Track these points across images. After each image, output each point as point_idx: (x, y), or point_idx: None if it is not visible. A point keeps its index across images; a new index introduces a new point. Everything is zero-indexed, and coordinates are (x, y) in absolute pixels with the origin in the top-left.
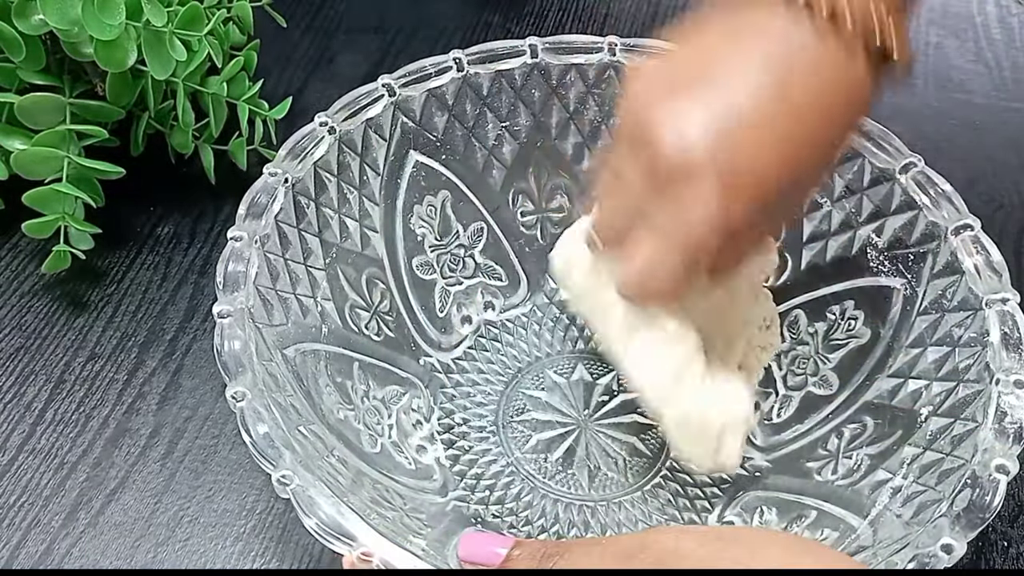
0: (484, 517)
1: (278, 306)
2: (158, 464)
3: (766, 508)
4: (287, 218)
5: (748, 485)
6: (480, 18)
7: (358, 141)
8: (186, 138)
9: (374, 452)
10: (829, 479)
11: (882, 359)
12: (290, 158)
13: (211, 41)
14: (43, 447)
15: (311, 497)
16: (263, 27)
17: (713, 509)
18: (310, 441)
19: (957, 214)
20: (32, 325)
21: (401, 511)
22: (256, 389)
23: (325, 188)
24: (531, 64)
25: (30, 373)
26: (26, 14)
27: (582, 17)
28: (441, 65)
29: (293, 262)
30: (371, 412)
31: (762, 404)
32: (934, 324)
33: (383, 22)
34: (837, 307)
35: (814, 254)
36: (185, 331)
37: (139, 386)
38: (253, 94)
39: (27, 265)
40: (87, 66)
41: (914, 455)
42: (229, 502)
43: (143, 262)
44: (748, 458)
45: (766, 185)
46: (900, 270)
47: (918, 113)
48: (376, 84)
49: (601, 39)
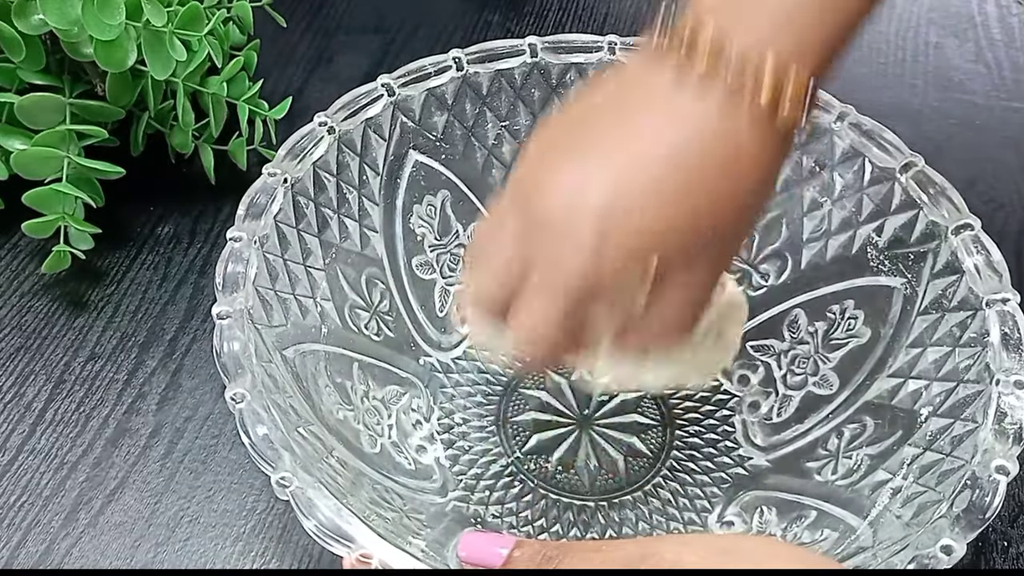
0: (484, 517)
1: (277, 307)
2: (158, 464)
3: (766, 508)
4: (286, 218)
5: (748, 485)
6: (480, 18)
7: (357, 141)
8: (186, 138)
9: (374, 452)
10: (829, 479)
11: (882, 359)
12: (289, 158)
13: (211, 41)
14: (43, 447)
15: (310, 499)
16: (263, 27)
17: (713, 509)
18: (309, 442)
19: (957, 214)
20: (32, 325)
21: (401, 512)
22: (255, 391)
23: (324, 188)
24: (531, 63)
25: (30, 373)
26: (26, 14)
27: (582, 17)
28: (441, 65)
29: (292, 262)
30: (371, 412)
31: (762, 404)
32: (934, 324)
33: (383, 22)
34: (837, 307)
35: (814, 253)
36: (185, 331)
37: (139, 386)
38: (253, 94)
39: (27, 265)
40: (87, 66)
41: (914, 455)
42: (229, 502)
43: (143, 262)
44: (748, 458)
45: (643, 233)
46: (900, 270)
47: (918, 113)
48: (375, 84)
49: (601, 38)
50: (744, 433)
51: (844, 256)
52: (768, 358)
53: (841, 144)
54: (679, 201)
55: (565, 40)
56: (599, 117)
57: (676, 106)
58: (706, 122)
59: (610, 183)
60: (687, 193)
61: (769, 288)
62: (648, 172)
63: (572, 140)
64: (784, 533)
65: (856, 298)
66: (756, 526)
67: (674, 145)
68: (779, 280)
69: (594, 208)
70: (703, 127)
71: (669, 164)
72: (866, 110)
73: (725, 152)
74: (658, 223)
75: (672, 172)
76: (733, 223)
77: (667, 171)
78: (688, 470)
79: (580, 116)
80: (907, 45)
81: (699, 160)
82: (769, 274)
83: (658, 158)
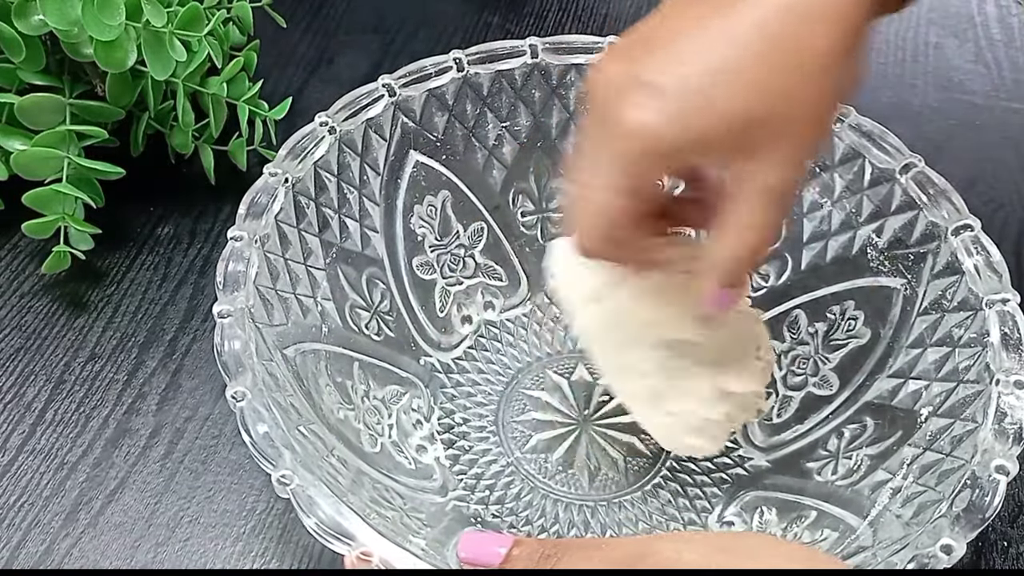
0: (484, 517)
1: (278, 306)
2: (158, 464)
3: (766, 508)
4: (287, 218)
5: (748, 485)
6: (480, 18)
7: (358, 141)
8: (186, 138)
9: (374, 452)
10: (829, 479)
11: (882, 359)
12: (290, 158)
13: (211, 41)
14: (43, 447)
15: (310, 497)
16: (263, 27)
17: (713, 509)
18: (310, 441)
19: (957, 214)
20: (32, 325)
21: (401, 511)
22: (256, 389)
23: (325, 188)
24: (531, 64)
25: (30, 373)
26: (26, 14)
27: (582, 17)
28: (441, 65)
29: (293, 262)
30: (371, 412)
31: None
32: (934, 324)
33: (383, 22)
34: (837, 307)
35: (814, 254)
36: (185, 331)
37: (139, 386)
38: (253, 94)
39: (27, 265)
40: (87, 66)
41: (914, 455)
42: (229, 502)
43: (143, 262)
44: (748, 458)
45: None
46: (900, 270)
47: (918, 113)
48: (376, 84)
49: (601, 39)
50: (744, 433)
51: (844, 257)
52: None
53: (841, 145)
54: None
55: (566, 41)
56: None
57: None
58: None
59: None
60: (758, 69)
61: (769, 289)
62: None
63: (636, 49)
64: (784, 533)
65: (856, 299)
66: (756, 526)
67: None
68: (779, 281)
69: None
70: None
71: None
72: (866, 111)
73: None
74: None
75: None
76: (803, 103)
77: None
78: (688, 470)
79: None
80: (907, 45)
81: (768, 40)
82: (769, 275)
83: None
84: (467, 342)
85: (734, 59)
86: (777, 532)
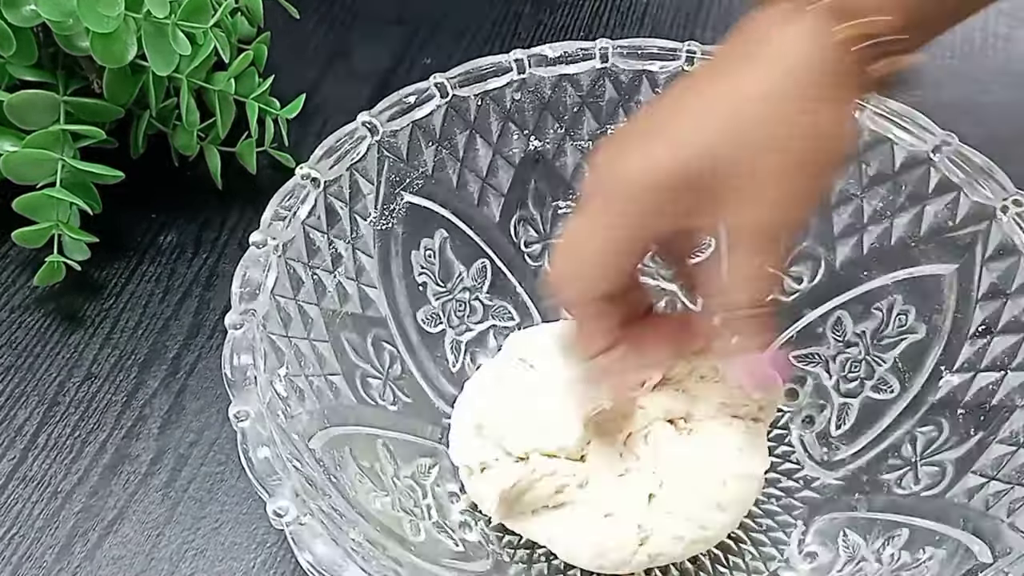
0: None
1: (292, 395)
2: (160, 493)
3: (848, 531)
4: (283, 291)
5: (821, 508)
6: (509, 8)
7: (345, 188)
8: (190, 139)
9: (419, 540)
10: (912, 490)
11: (945, 354)
12: (276, 219)
13: (217, 34)
14: (35, 474)
15: None
16: (274, 18)
17: (790, 541)
18: (363, 547)
19: (1003, 191)
20: (23, 342)
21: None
22: (298, 500)
23: (318, 250)
24: (519, 80)
25: (21, 394)
26: (16, 4)
27: (620, 7)
28: (424, 94)
29: (297, 339)
30: (405, 494)
31: (817, 417)
32: (997, 311)
33: (404, 12)
34: (884, 302)
35: (850, 248)
36: (189, 348)
37: (139, 408)
38: (263, 91)
39: (18, 277)
40: (83, 61)
41: (1005, 453)
42: (237, 534)
43: (143, 274)
44: (814, 478)
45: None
46: (948, 256)
47: (987, 112)
48: (356, 123)
49: (591, 44)
50: (804, 452)
51: (883, 248)
52: (815, 367)
53: (865, 131)
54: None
55: (551, 50)
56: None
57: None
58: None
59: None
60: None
61: (803, 292)
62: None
63: (638, 128)
64: (878, 557)
65: (903, 292)
66: (843, 552)
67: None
68: (813, 282)
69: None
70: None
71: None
72: (929, 111)
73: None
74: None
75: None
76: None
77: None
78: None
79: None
80: (974, 37)
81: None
82: (802, 276)
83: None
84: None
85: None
86: (869, 556)
